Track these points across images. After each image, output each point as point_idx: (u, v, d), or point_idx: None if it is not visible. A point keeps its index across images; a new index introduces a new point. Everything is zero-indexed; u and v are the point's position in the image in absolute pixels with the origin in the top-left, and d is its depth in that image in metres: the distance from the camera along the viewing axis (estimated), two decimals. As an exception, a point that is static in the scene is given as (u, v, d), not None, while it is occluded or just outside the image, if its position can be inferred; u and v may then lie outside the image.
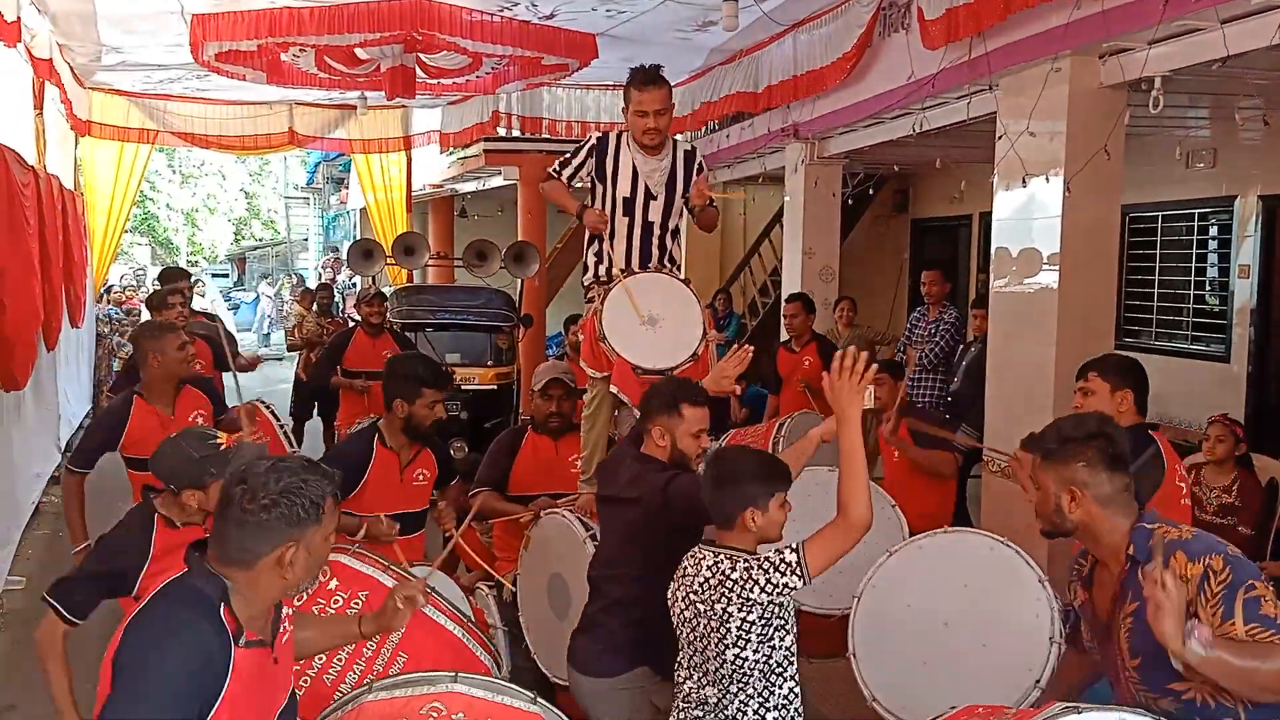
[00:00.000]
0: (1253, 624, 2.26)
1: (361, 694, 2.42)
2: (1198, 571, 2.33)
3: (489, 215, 17.78)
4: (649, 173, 4.28)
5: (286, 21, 7.13)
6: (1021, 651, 3.23)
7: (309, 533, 2.10)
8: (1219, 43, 4.70)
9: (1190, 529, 2.49)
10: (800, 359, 7.43)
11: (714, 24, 7.98)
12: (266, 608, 2.16)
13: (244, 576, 2.08)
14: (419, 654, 2.89)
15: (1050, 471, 2.56)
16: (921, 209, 12.13)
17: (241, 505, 2.06)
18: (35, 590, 6.52)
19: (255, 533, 2.06)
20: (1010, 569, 3.40)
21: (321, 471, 2.17)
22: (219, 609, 2.04)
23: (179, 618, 2.01)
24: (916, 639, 3.43)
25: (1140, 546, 2.45)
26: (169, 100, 12.39)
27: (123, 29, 8.73)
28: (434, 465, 4.25)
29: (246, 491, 2.07)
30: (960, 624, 3.38)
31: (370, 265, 9.81)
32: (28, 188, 6.63)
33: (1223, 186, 8.08)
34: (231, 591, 2.07)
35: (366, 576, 3.09)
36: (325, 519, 2.14)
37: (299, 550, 2.09)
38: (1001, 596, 3.37)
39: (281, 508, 2.06)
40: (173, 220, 36.26)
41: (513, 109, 11.50)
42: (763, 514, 2.86)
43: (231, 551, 2.07)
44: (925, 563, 3.56)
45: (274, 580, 2.10)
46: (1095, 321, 5.71)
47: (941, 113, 6.93)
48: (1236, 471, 5.29)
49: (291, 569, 2.09)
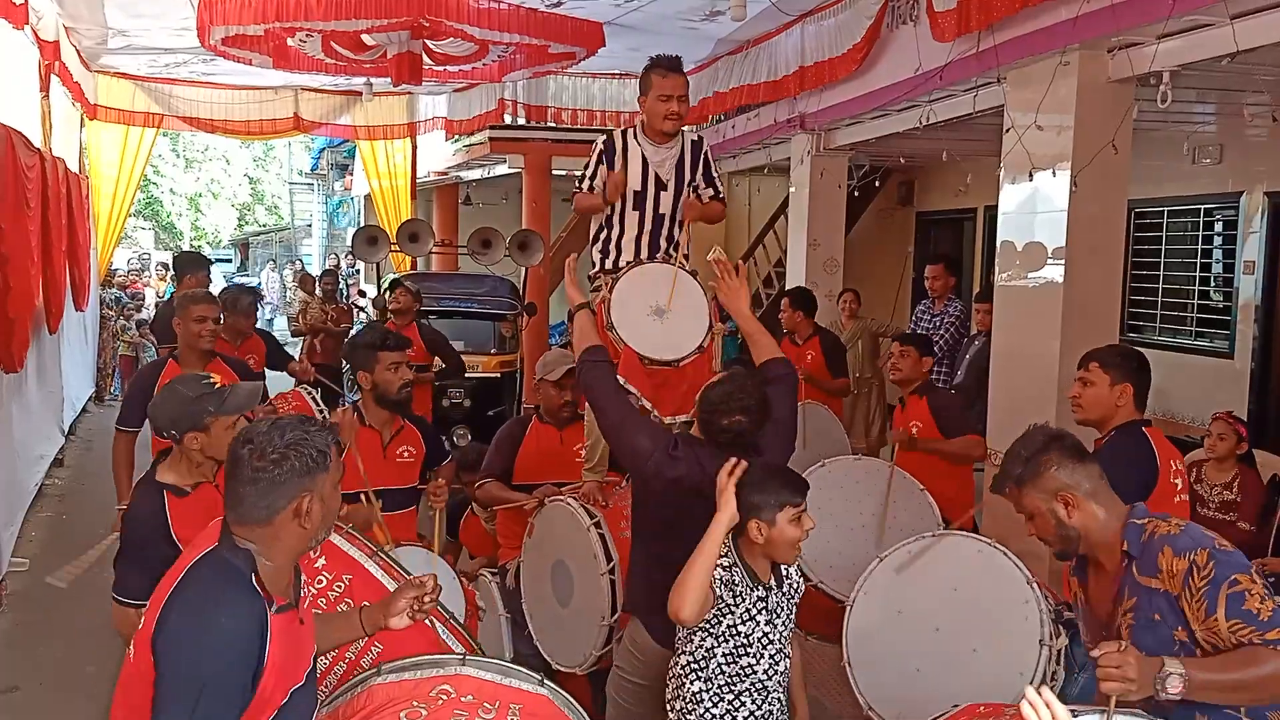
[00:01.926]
0: (1234, 620, 2.27)
1: (370, 676, 2.44)
2: (1183, 566, 2.35)
3: (493, 203, 17.78)
4: (659, 162, 4.30)
5: (294, 6, 7.11)
6: (1012, 655, 3.21)
7: (320, 481, 2.17)
8: (1228, 38, 4.69)
9: (1180, 522, 2.48)
10: (803, 352, 7.43)
11: (722, 14, 7.97)
12: (289, 567, 2.22)
13: (265, 534, 2.14)
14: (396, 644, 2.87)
15: (1032, 492, 2.56)
16: (927, 202, 12.12)
17: (252, 464, 2.12)
18: (38, 572, 6.55)
19: (270, 488, 2.12)
20: (999, 572, 3.37)
21: (319, 424, 2.25)
22: (250, 579, 2.10)
23: (219, 593, 2.07)
24: (909, 645, 3.41)
25: (1133, 542, 2.46)
26: (175, 84, 12.41)
27: (129, 12, 8.73)
28: (420, 443, 4.29)
29: (254, 450, 2.13)
30: (951, 629, 3.36)
31: (375, 252, 9.81)
32: (33, 170, 6.63)
33: (1229, 182, 8.07)
34: (258, 558, 2.13)
35: (352, 560, 3.06)
36: (333, 466, 2.21)
37: (314, 499, 2.16)
38: (991, 600, 3.35)
39: (292, 459, 2.13)
40: (176, 205, 36.22)
41: (518, 97, 11.50)
42: (769, 527, 2.84)
43: (250, 511, 2.13)
44: (915, 568, 3.54)
45: (294, 533, 2.16)
46: (1099, 316, 5.71)
47: (948, 105, 6.92)
48: (1238, 468, 5.30)
49: (309, 518, 2.16)
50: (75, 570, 3.75)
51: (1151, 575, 2.41)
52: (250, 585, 2.10)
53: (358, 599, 2.93)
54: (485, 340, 9.38)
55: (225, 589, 2.07)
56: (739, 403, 3.19)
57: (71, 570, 3.76)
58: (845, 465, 4.74)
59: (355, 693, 2.42)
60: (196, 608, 2.05)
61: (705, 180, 4.44)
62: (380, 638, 2.76)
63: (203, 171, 36.32)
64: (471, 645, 3.06)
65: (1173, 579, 2.36)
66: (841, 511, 4.41)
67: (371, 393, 4.15)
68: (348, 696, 2.43)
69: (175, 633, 2.02)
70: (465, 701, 2.35)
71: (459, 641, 3.01)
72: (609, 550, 3.72)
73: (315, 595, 3.00)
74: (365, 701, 2.37)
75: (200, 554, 2.15)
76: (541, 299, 11.89)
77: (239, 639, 2.03)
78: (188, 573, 2.12)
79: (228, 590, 2.07)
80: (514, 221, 13.07)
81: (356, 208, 24.12)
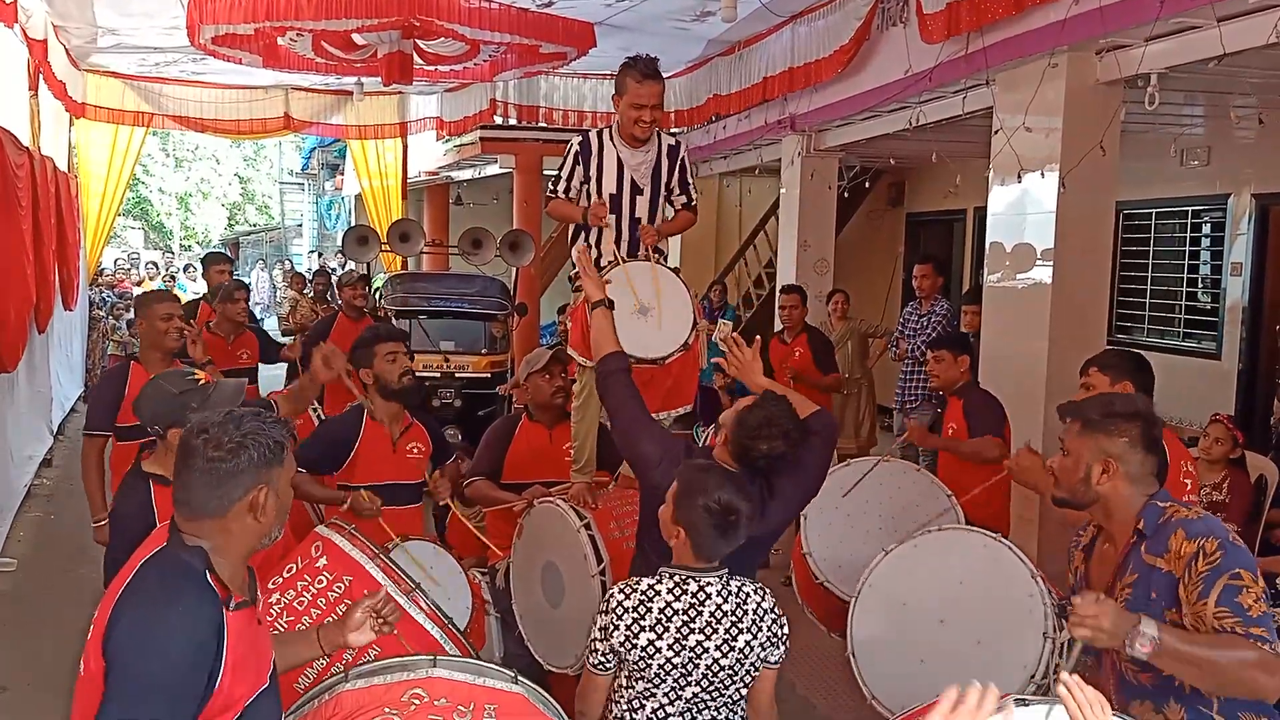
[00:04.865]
0: (1223, 607, 2.28)
1: (337, 682, 2.37)
2: (1191, 550, 2.36)
3: (484, 203, 17.75)
4: (635, 165, 4.27)
5: (284, 6, 7.09)
6: (1016, 647, 3.24)
7: (275, 474, 2.12)
8: (1215, 40, 4.72)
9: (1199, 509, 2.51)
10: (791, 349, 7.46)
11: (712, 14, 7.99)
12: (243, 564, 2.14)
13: (217, 528, 2.07)
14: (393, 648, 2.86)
15: (1088, 440, 2.57)
16: (916, 203, 12.15)
17: (207, 454, 2.05)
18: (26, 572, 6.54)
19: (227, 479, 2.06)
20: (1004, 566, 3.40)
21: (274, 416, 2.20)
22: (204, 575, 2.03)
23: (173, 591, 1.99)
24: (914, 637, 3.44)
25: (1150, 522, 2.48)
26: (164, 83, 12.35)
27: (119, 11, 8.70)
28: (427, 440, 4.35)
29: (210, 440, 2.06)
30: (956, 621, 3.38)
31: (366, 252, 9.80)
32: (22, 169, 6.62)
33: (1216, 184, 8.11)
34: (211, 554, 2.06)
35: (353, 561, 3.06)
36: (287, 459, 2.16)
37: (269, 493, 2.10)
38: (995, 593, 3.37)
39: (250, 449, 2.07)
40: (166, 204, 36.09)
41: (510, 97, 11.47)
42: None
43: (203, 503, 2.06)
44: (920, 561, 3.57)
45: (248, 528, 2.09)
46: (1088, 317, 5.74)
47: (938, 107, 6.95)
48: (1227, 469, 5.33)
49: (264, 512, 2.09)
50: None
51: (1159, 555, 2.42)
52: (204, 581, 2.03)
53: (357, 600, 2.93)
54: (476, 340, 9.37)
55: (177, 587, 2.00)
56: (779, 427, 3.04)
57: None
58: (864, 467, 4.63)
59: (321, 700, 2.35)
60: (147, 607, 1.97)
61: (680, 187, 4.38)
62: (378, 640, 2.75)
63: (193, 171, 36.18)
64: (468, 650, 3.06)
65: (1178, 560, 2.37)
66: (858, 511, 4.39)
67: (375, 387, 4.20)
68: (314, 704, 2.35)
69: (126, 634, 1.95)
70: (440, 705, 2.30)
71: (455, 647, 3.00)
72: (599, 552, 3.72)
73: (315, 595, 3.00)
74: (333, 709, 2.30)
75: (149, 553, 2.08)
76: (532, 299, 11.89)
77: (193, 638, 1.96)
78: (137, 573, 2.04)
79: (180, 588, 2.00)
80: (505, 222, 13.06)
81: (347, 207, 24.07)
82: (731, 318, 12.32)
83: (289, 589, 3.00)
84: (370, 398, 4.24)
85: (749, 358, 3.52)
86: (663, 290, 4.06)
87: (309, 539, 3.20)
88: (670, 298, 4.08)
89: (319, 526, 3.34)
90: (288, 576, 3.05)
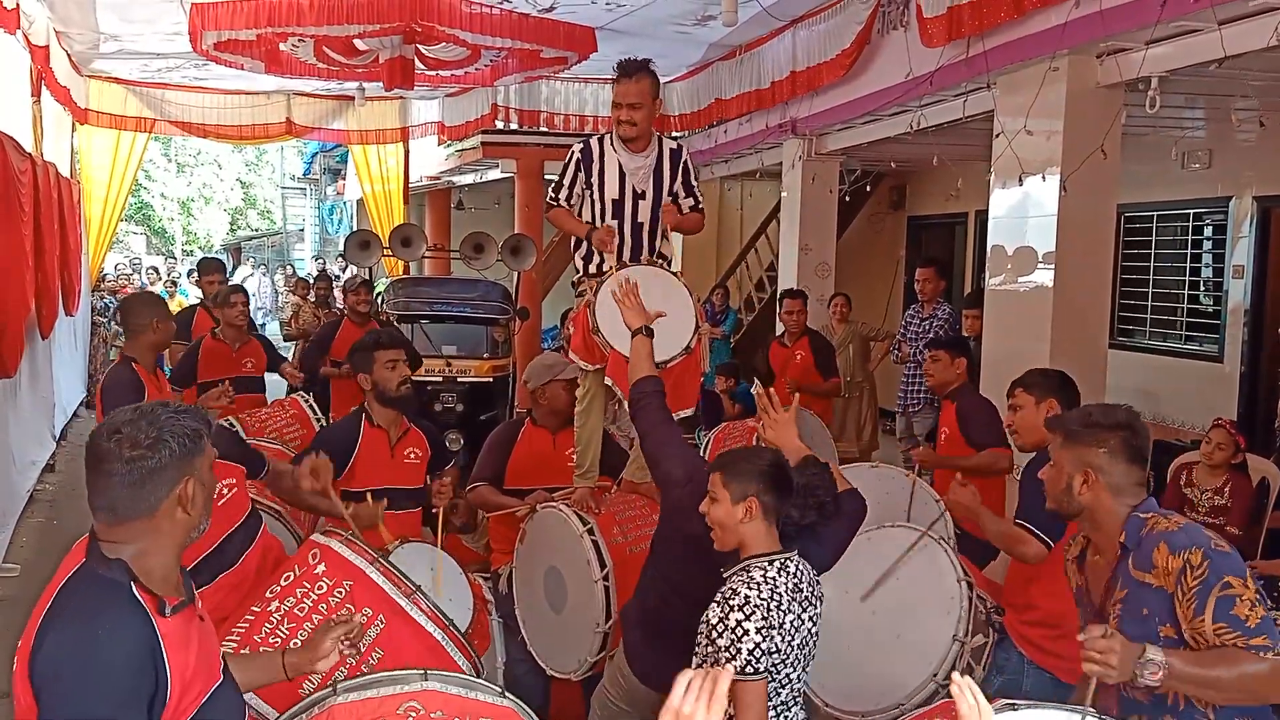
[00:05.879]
0: (1220, 623, 2.29)
1: (326, 696, 2.34)
2: (1178, 565, 2.36)
3: (486, 208, 17.75)
4: (634, 170, 4.27)
5: (286, 11, 7.12)
6: (928, 646, 3.27)
7: (198, 462, 2.04)
8: (1216, 43, 4.72)
9: (1179, 520, 2.50)
10: (792, 353, 7.45)
11: (713, 18, 7.99)
12: (175, 564, 2.06)
13: (147, 529, 1.98)
14: (396, 651, 2.86)
15: (1069, 451, 2.59)
16: (918, 206, 12.15)
17: (124, 455, 1.95)
18: (29, 577, 6.53)
19: (150, 477, 1.97)
20: (935, 566, 3.45)
21: (186, 405, 2.13)
22: (130, 589, 1.93)
23: (98, 611, 1.89)
24: (847, 623, 3.45)
25: (1132, 535, 2.48)
26: (167, 89, 12.38)
27: (121, 16, 8.72)
28: (425, 446, 4.35)
29: (125, 439, 1.96)
30: (884, 613, 3.45)
31: (368, 256, 9.81)
32: (24, 175, 6.62)
33: (1218, 187, 8.11)
34: (134, 563, 1.96)
35: (353, 566, 3.06)
36: (207, 447, 2.08)
37: (195, 483, 2.02)
38: (921, 591, 3.42)
39: (169, 442, 1.98)
40: (168, 209, 36.11)
41: (511, 102, 11.50)
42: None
43: (129, 505, 1.97)
44: (867, 553, 3.56)
45: (178, 523, 2.02)
46: (1089, 320, 5.74)
47: (939, 110, 6.95)
48: (1229, 473, 5.31)
49: (194, 504, 2.02)
50: None
51: (1145, 570, 2.42)
52: (130, 597, 1.91)
53: (359, 605, 2.93)
54: (478, 345, 9.35)
55: (101, 608, 1.88)
56: (817, 498, 2.87)
57: None
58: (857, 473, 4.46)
59: (311, 714, 2.32)
60: (71, 636, 1.85)
61: (685, 190, 4.39)
62: (380, 644, 2.74)
63: (195, 176, 36.20)
64: (469, 652, 3.07)
65: (1168, 576, 2.37)
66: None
67: (373, 393, 4.20)
68: (303, 717, 2.33)
69: (51, 666, 1.83)
70: (435, 718, 2.29)
71: (457, 648, 3.01)
72: (603, 557, 3.72)
73: (316, 601, 2.99)
74: None
75: (67, 575, 1.95)
76: (534, 304, 11.89)
77: (127, 664, 1.85)
78: (56, 598, 1.91)
79: (104, 609, 1.88)
80: (506, 226, 13.06)
81: (349, 212, 24.08)
82: (733, 321, 12.33)
83: (288, 596, 3.00)
84: (368, 402, 4.26)
85: (786, 419, 3.27)
86: (664, 293, 4.06)
87: (305, 546, 3.20)
88: (672, 301, 4.07)
89: (315, 534, 3.35)
90: (285, 584, 3.04)
